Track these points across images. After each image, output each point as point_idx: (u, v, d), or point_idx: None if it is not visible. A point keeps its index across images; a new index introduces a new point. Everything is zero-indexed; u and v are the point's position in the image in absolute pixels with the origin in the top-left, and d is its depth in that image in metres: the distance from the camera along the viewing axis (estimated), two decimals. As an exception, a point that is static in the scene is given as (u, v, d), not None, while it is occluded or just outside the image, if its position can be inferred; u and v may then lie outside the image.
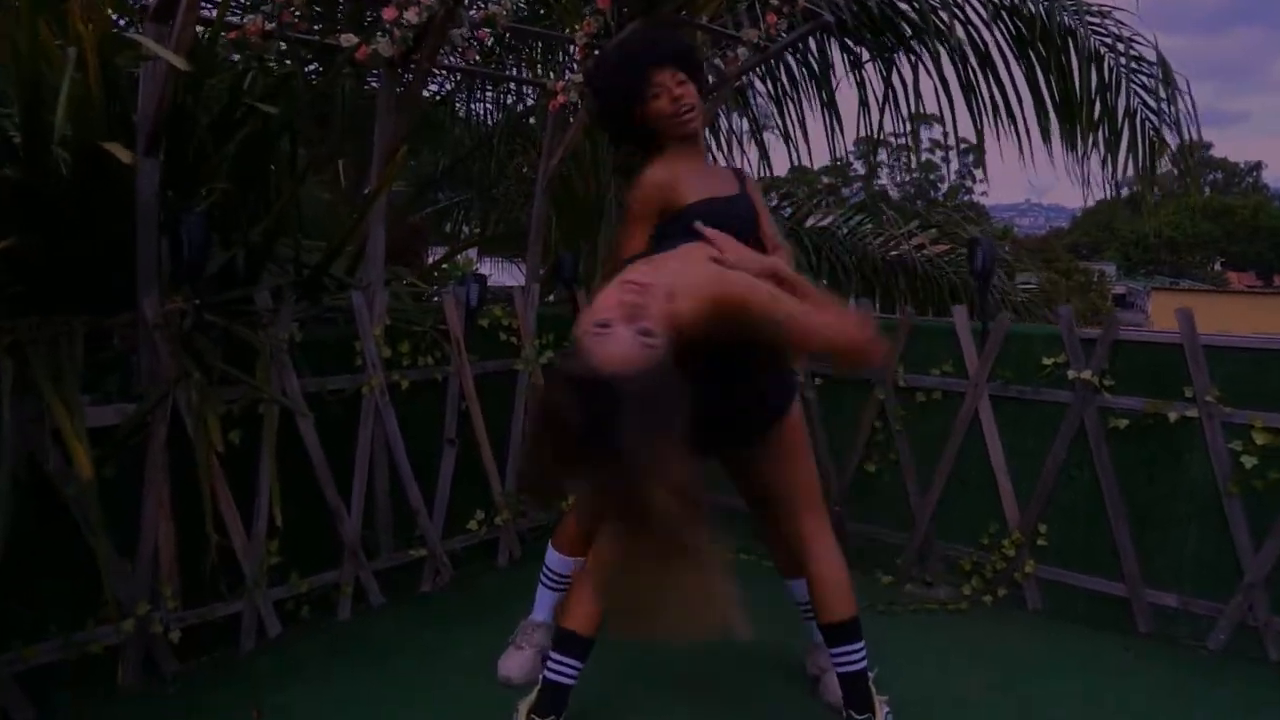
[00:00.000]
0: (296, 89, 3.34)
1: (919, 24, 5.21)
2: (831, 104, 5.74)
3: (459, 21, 2.99)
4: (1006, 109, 5.48)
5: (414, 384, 3.13)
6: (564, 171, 4.42)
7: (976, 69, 5.41)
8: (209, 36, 2.53)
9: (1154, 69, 5.29)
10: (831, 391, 3.56)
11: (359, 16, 4.89)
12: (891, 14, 5.26)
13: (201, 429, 2.42)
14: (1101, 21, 5.29)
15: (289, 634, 2.77)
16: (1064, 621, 3.06)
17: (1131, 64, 5.32)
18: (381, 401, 3.01)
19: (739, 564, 3.38)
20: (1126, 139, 5.51)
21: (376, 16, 2.98)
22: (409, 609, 3.05)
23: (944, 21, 5.22)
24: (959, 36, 5.24)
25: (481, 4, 3.12)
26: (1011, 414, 3.19)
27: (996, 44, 5.31)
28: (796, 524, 2.20)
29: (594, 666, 2.18)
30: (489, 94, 6.35)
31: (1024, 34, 5.24)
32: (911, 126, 5.87)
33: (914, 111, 5.66)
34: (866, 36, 5.40)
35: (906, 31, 5.31)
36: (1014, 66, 5.38)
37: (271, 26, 2.82)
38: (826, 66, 5.63)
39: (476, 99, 6.42)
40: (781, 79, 5.76)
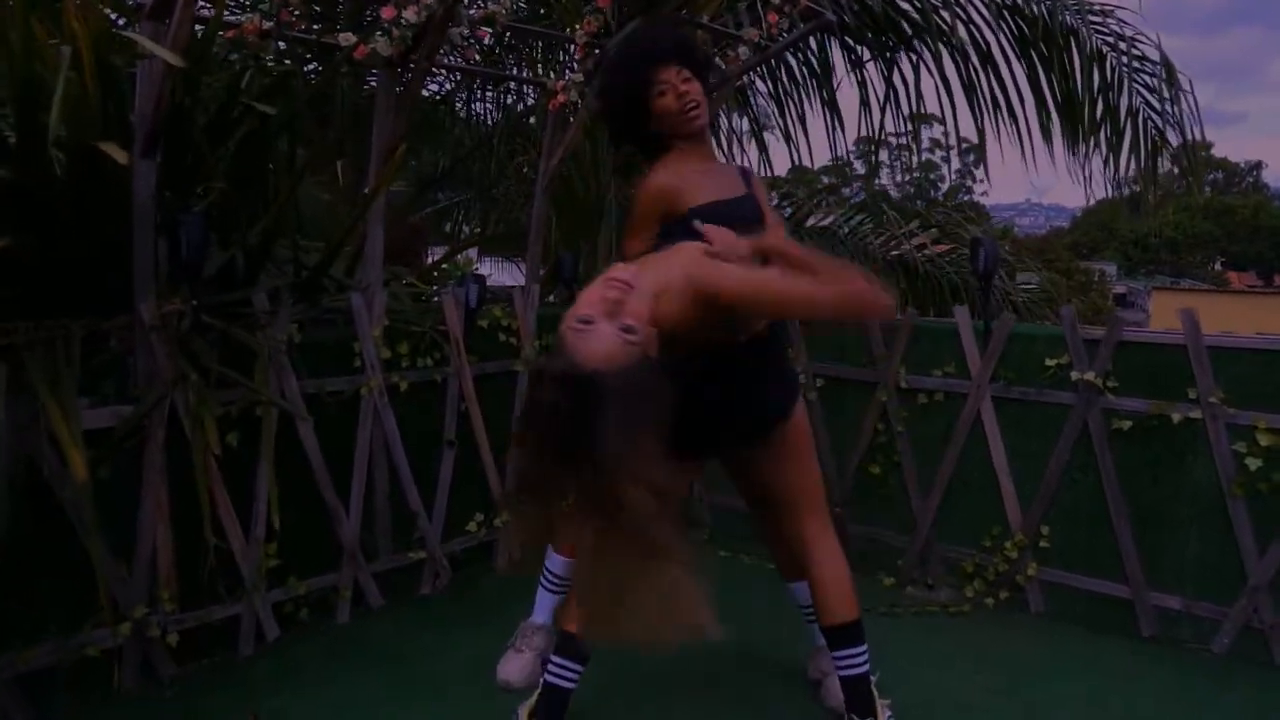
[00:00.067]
0: (295, 88, 3.31)
1: (920, 24, 5.19)
2: (832, 103, 5.72)
3: (458, 20, 2.98)
4: (1008, 108, 5.47)
5: (413, 385, 3.11)
6: (564, 171, 4.41)
7: (978, 68, 5.40)
8: (206, 35, 2.51)
9: (1157, 68, 5.27)
10: (833, 393, 3.55)
11: (357, 15, 4.88)
12: (893, 13, 5.24)
13: (199, 431, 2.41)
14: (1104, 21, 5.28)
15: (287, 637, 2.76)
16: (1067, 624, 3.04)
17: (1134, 63, 5.31)
18: (380, 403, 3.00)
19: (740, 566, 3.43)
20: (1129, 138, 5.49)
21: (375, 15, 2.97)
22: (408, 611, 3.04)
23: (945, 21, 5.20)
24: (961, 36, 5.23)
25: (481, 3, 3.10)
26: (1014, 415, 3.17)
27: (998, 43, 5.30)
28: (799, 526, 2.19)
29: (594, 666, 2.17)
30: (489, 94, 6.32)
31: (1026, 34, 5.22)
32: (912, 126, 5.86)
33: (915, 111, 5.65)
34: (868, 36, 5.39)
35: (908, 31, 5.29)
36: (1015, 66, 5.37)
37: (269, 25, 2.81)
38: (827, 66, 5.62)
39: (476, 99, 6.40)
40: (782, 78, 5.74)
